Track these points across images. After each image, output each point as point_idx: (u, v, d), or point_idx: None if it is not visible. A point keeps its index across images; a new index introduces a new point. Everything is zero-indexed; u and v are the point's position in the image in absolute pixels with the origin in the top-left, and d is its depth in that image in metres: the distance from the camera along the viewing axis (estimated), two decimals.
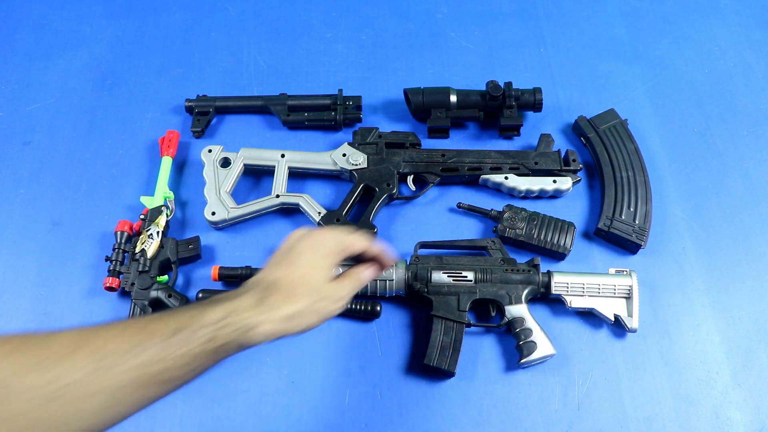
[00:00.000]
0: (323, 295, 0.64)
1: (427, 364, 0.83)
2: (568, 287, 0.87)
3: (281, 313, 0.60)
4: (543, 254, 0.93)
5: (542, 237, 0.91)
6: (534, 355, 0.83)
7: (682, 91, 1.13)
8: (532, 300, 0.89)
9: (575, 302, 0.87)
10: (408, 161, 0.99)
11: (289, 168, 0.98)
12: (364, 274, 0.70)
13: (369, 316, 0.88)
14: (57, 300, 0.90)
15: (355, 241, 0.68)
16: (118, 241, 0.91)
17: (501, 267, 0.88)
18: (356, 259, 0.71)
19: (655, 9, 1.24)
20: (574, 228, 0.93)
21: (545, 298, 0.89)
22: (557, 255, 0.92)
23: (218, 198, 0.94)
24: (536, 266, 0.88)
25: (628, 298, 0.87)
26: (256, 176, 1.01)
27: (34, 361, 0.48)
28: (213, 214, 0.93)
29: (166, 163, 0.99)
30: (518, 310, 0.85)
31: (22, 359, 0.48)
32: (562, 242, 0.91)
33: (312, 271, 0.64)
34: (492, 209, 0.95)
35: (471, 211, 0.96)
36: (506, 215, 0.93)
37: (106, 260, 0.89)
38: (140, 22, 1.20)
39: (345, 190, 0.99)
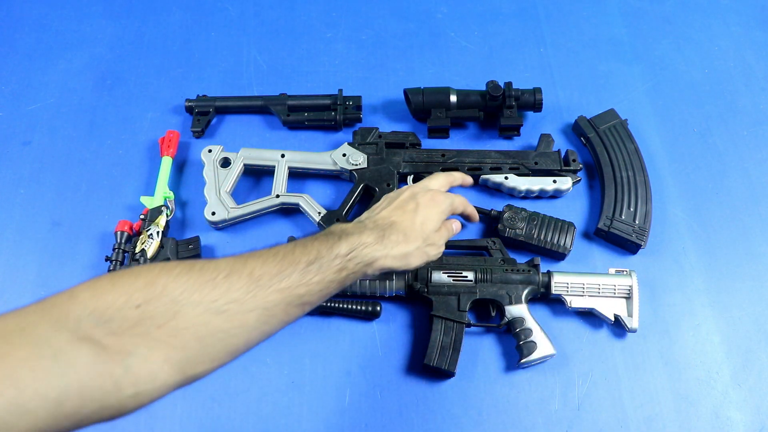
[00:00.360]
0: (430, 242, 0.76)
1: (427, 364, 0.83)
2: (568, 287, 0.87)
3: (398, 251, 0.71)
4: (543, 254, 0.93)
5: (542, 237, 0.91)
6: (534, 355, 0.83)
7: (682, 91, 1.13)
8: (532, 300, 0.89)
9: (575, 302, 0.87)
10: (408, 161, 0.99)
11: (289, 168, 0.98)
12: (456, 225, 0.85)
13: (369, 316, 0.88)
14: None
15: (461, 203, 0.84)
16: (118, 241, 0.91)
17: (501, 267, 0.88)
18: None
19: (655, 9, 1.24)
20: (574, 228, 0.93)
21: (545, 298, 0.89)
22: (557, 255, 0.92)
23: (218, 198, 0.94)
24: (536, 266, 0.88)
25: (628, 298, 0.87)
26: (256, 176, 1.01)
27: (200, 282, 0.54)
28: (213, 214, 0.93)
29: (166, 163, 0.99)
30: (518, 310, 0.85)
31: (189, 280, 0.54)
32: (562, 242, 0.91)
33: (428, 221, 0.76)
34: (492, 209, 0.95)
35: None
36: (506, 215, 0.93)
37: (106, 260, 0.89)
38: (140, 22, 1.20)
39: (345, 190, 0.99)
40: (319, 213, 0.94)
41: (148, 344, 0.51)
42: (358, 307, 0.87)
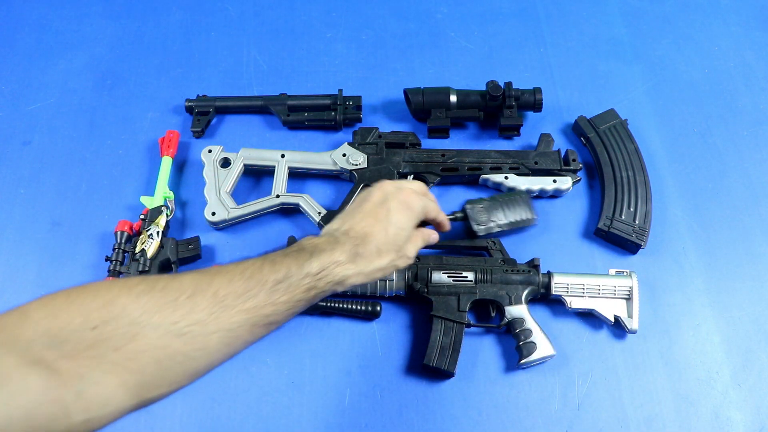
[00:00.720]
0: (402, 253, 0.72)
1: (426, 364, 0.83)
2: (568, 288, 0.87)
3: (371, 268, 0.67)
4: (516, 233, 0.95)
5: (511, 219, 0.92)
6: (534, 356, 0.83)
7: (682, 91, 1.13)
8: (532, 301, 0.89)
9: (575, 303, 0.87)
10: (408, 161, 0.99)
11: (289, 168, 0.98)
12: (434, 237, 0.80)
13: (369, 316, 0.88)
14: None
15: (435, 209, 0.77)
16: (118, 241, 0.91)
17: (501, 267, 0.88)
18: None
19: (655, 9, 1.24)
20: (526, 194, 0.94)
21: (545, 299, 0.89)
22: (528, 228, 0.94)
23: (218, 198, 0.94)
24: (536, 267, 0.88)
25: (629, 299, 0.87)
26: (256, 176, 1.01)
27: (162, 302, 0.52)
28: (213, 214, 0.93)
29: (166, 163, 0.99)
30: (518, 310, 0.85)
31: (150, 300, 0.52)
32: (526, 215, 0.92)
33: (401, 230, 0.71)
34: (453, 212, 0.92)
35: None
36: (471, 212, 0.91)
37: (106, 260, 0.89)
38: (140, 22, 1.20)
39: (345, 190, 0.99)
40: (319, 213, 0.94)
41: (103, 368, 0.48)
42: (358, 307, 0.87)
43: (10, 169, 1.02)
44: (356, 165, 0.97)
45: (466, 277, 0.87)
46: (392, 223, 0.70)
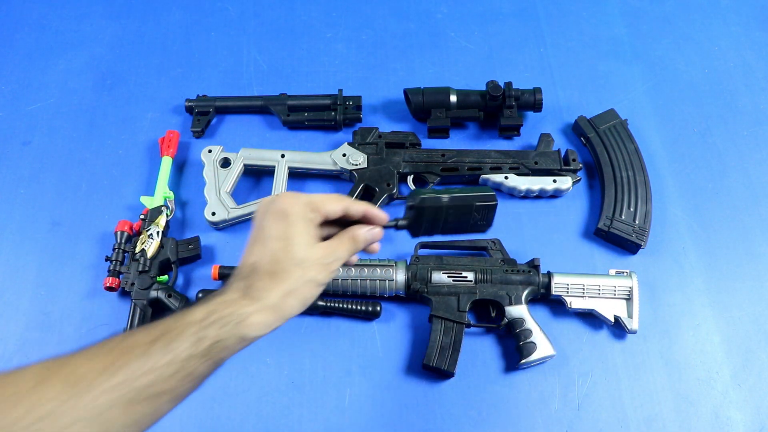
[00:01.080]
0: (311, 263, 0.56)
1: (426, 364, 0.83)
2: (568, 288, 0.87)
3: (271, 298, 0.54)
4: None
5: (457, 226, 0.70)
6: (534, 356, 0.83)
7: (682, 91, 1.13)
8: (532, 301, 0.89)
9: (575, 303, 0.87)
10: (408, 161, 0.99)
11: (289, 168, 0.98)
12: (359, 232, 0.61)
13: (369, 316, 0.88)
14: (57, 300, 0.90)
15: (327, 198, 0.59)
16: (118, 241, 0.90)
17: (501, 268, 0.88)
18: (345, 225, 0.62)
19: (655, 9, 1.24)
20: (491, 193, 0.68)
21: (545, 299, 0.89)
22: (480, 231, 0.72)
23: (218, 198, 0.94)
24: (536, 267, 0.88)
25: (628, 299, 0.87)
26: (256, 176, 1.01)
27: None
28: (213, 214, 0.93)
29: (166, 163, 0.99)
30: (518, 310, 0.85)
31: None
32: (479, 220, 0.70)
33: (287, 242, 0.56)
34: (396, 219, 0.66)
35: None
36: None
37: (106, 260, 0.89)
38: (140, 22, 1.20)
39: (345, 190, 0.99)
40: None
41: None
42: (358, 307, 0.87)
43: (10, 169, 1.02)
44: (356, 165, 0.97)
45: (466, 277, 0.87)
46: (272, 238, 0.56)
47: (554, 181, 0.98)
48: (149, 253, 0.89)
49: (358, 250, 0.61)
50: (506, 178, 0.98)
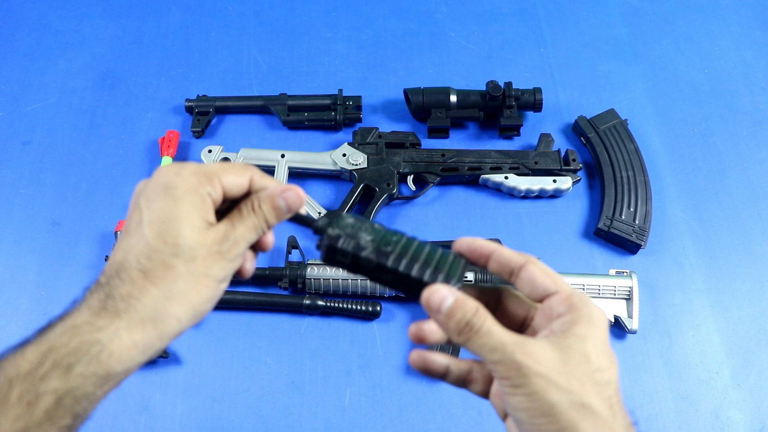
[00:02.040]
0: (201, 252, 0.40)
1: None
2: None
3: (144, 306, 0.38)
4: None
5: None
6: None
7: (682, 91, 1.13)
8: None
9: None
10: (408, 161, 0.99)
11: (289, 168, 0.98)
12: (265, 195, 0.44)
13: (369, 316, 0.88)
14: (57, 300, 0.90)
15: (227, 167, 0.43)
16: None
17: None
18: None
19: (655, 9, 1.24)
20: (463, 260, 0.47)
21: None
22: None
23: None
24: None
25: (628, 299, 0.87)
26: None
27: None
28: None
29: (166, 163, 0.99)
30: None
31: None
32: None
33: (168, 225, 0.40)
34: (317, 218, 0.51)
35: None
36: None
37: (106, 260, 0.89)
38: (140, 22, 1.20)
39: (345, 190, 0.99)
40: (319, 213, 0.94)
41: None
42: (358, 307, 0.87)
43: (10, 169, 1.02)
44: (356, 165, 0.97)
45: (466, 277, 0.87)
46: (148, 222, 0.40)
47: (554, 181, 0.98)
48: None
49: (267, 225, 0.44)
50: (506, 178, 0.98)
